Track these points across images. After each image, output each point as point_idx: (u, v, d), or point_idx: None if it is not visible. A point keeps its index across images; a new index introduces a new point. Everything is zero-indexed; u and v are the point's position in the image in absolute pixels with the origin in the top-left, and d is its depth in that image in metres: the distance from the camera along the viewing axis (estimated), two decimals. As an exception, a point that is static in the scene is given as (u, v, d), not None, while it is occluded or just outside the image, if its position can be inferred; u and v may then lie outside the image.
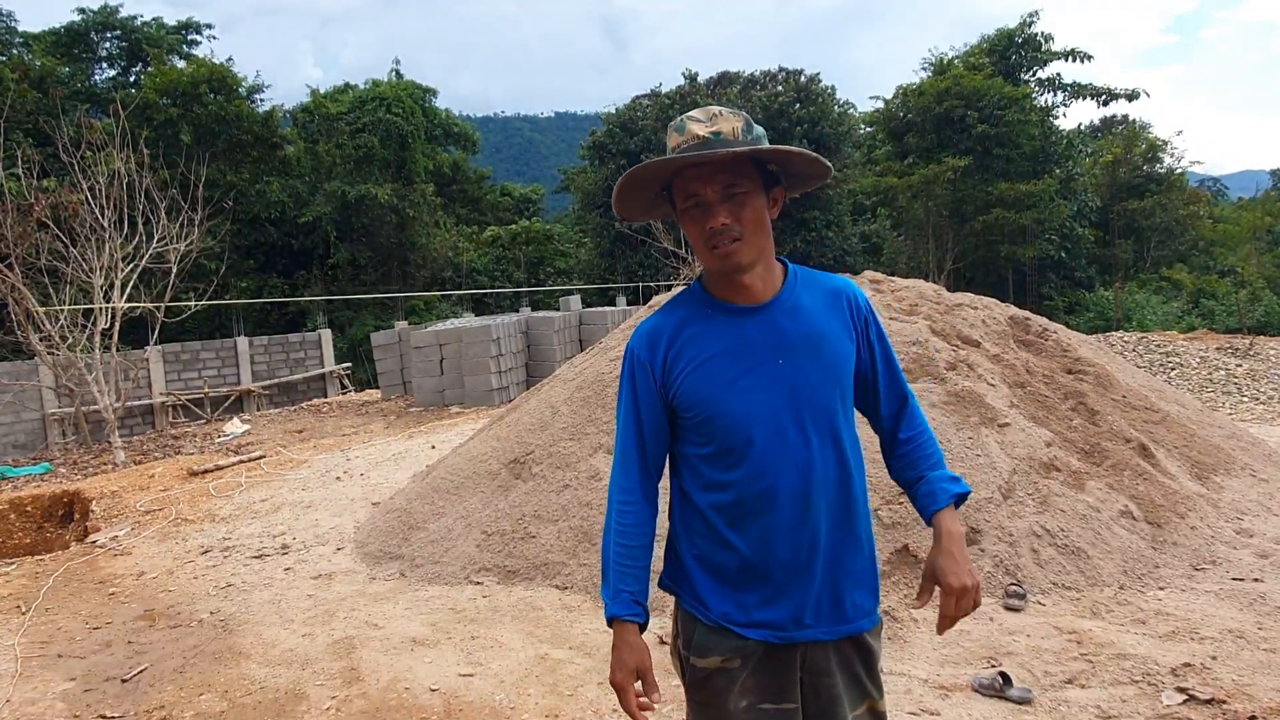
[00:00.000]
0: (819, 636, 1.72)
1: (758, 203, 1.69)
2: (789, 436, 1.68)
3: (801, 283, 1.79)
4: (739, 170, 1.66)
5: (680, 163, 1.65)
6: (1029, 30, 27.76)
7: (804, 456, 1.69)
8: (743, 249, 1.67)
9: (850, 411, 1.78)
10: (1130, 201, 28.80)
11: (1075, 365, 5.65)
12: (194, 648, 4.46)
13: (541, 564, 4.93)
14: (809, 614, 1.72)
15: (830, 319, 1.76)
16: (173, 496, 8.03)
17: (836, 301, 1.78)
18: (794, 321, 1.73)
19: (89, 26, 27.71)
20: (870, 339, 1.81)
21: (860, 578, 1.76)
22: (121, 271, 11.82)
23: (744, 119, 1.69)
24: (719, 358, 1.72)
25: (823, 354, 1.72)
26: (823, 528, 1.70)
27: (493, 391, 13.25)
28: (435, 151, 32.55)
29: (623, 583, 1.77)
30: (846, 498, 1.73)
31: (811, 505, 1.69)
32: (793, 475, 1.69)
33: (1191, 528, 4.39)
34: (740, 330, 1.73)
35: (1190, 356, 10.36)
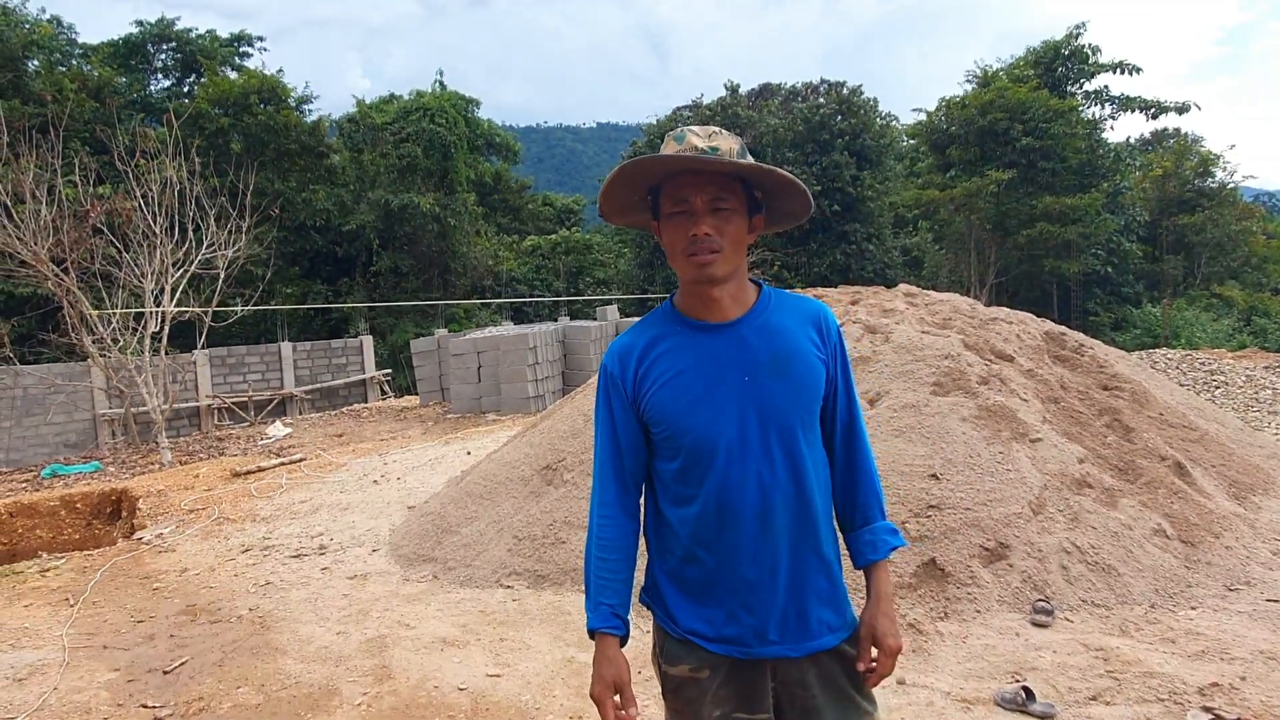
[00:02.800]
0: (785, 653, 1.75)
1: (740, 222, 1.74)
2: (752, 454, 1.71)
3: (774, 303, 1.82)
4: (729, 187, 1.72)
5: (682, 163, 1.68)
6: (1076, 42, 27.39)
7: (766, 475, 1.71)
8: (719, 262, 1.71)
9: (815, 432, 1.80)
10: (1180, 216, 28.26)
11: (1111, 381, 5.59)
12: (233, 642, 4.59)
13: (571, 569, 4.99)
14: (773, 630, 1.75)
15: (801, 339, 1.78)
16: (216, 496, 8.24)
17: (808, 323, 1.81)
18: (763, 339, 1.76)
19: (146, 38, 28.53)
20: (837, 364, 1.83)
21: (825, 595, 1.78)
22: (171, 276, 12.17)
23: (740, 143, 1.74)
24: (686, 374, 1.75)
25: (791, 373, 1.74)
26: (783, 546, 1.73)
27: (529, 399, 13.38)
28: (477, 161, 32.94)
29: (602, 595, 1.82)
30: (807, 517, 1.75)
31: (772, 523, 1.72)
32: (754, 493, 1.71)
33: (1226, 547, 4.33)
34: (708, 347, 1.76)
35: (1236, 375, 10.15)
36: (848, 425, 1.84)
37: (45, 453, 14.02)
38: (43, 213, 11.21)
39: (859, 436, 1.86)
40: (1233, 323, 23.04)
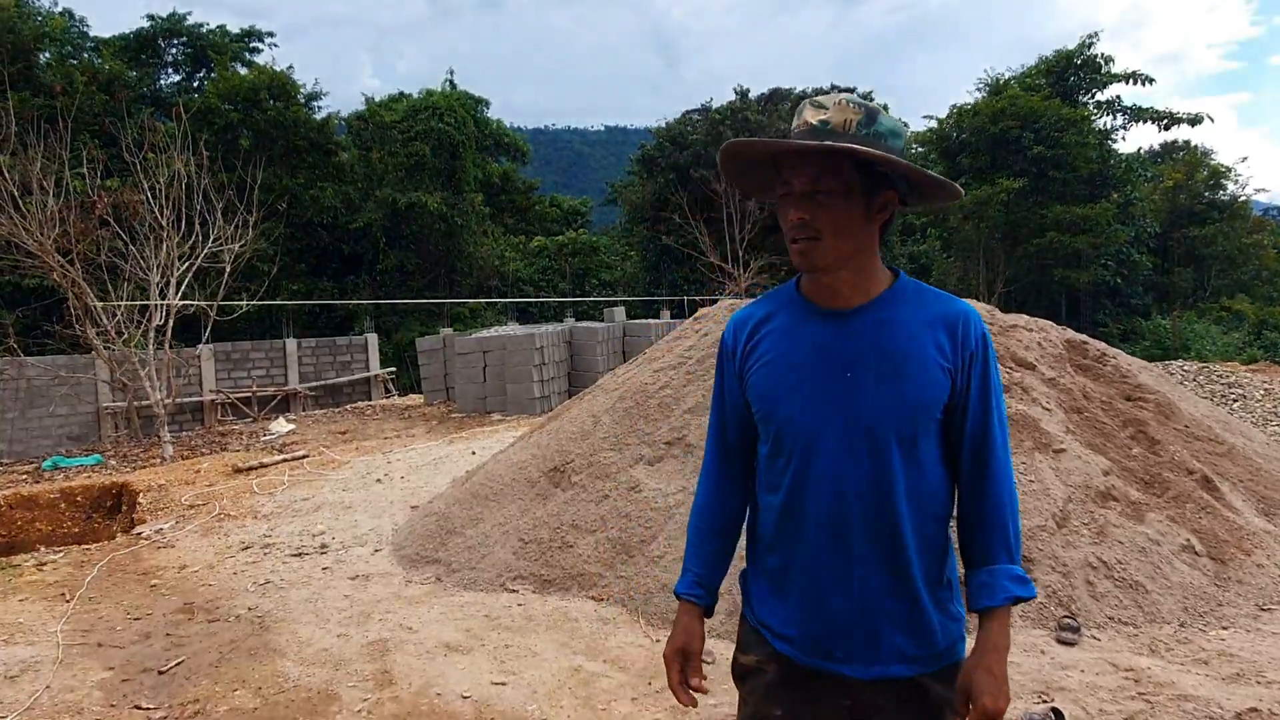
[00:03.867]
0: (849, 673, 1.62)
1: (845, 204, 1.56)
2: (837, 456, 1.58)
3: (905, 296, 1.64)
4: (830, 166, 1.55)
5: (769, 146, 1.57)
6: (1088, 52, 27.28)
7: (848, 482, 1.58)
8: (819, 250, 1.57)
9: (926, 445, 1.60)
10: (1191, 228, 28.13)
11: (1135, 392, 5.46)
12: (230, 643, 4.47)
13: (578, 574, 4.87)
14: (837, 647, 1.63)
15: (924, 341, 1.59)
16: (217, 492, 8.13)
17: (939, 324, 1.61)
18: (875, 334, 1.60)
19: (157, 32, 28.50)
20: (970, 377, 1.61)
21: (903, 621, 1.61)
22: (177, 270, 12.07)
23: (865, 112, 1.57)
24: (787, 357, 1.65)
25: (898, 376, 1.57)
26: (858, 561, 1.59)
27: (534, 400, 13.26)
28: (486, 161, 32.87)
29: (692, 562, 1.79)
30: (891, 536, 1.58)
31: (846, 535, 1.59)
32: (829, 498, 1.59)
33: (1258, 565, 4.19)
34: (816, 334, 1.63)
35: (1254, 389, 9.99)
36: (977, 450, 1.62)
37: (48, 445, 13.92)
38: (49, 204, 11.11)
39: (991, 465, 1.62)
40: (1243, 336, 22.85)
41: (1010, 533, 1.61)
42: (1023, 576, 1.60)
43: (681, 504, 4.98)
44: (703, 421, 5.56)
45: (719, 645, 4.04)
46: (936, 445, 1.62)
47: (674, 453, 5.45)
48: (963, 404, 1.61)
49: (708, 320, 6.72)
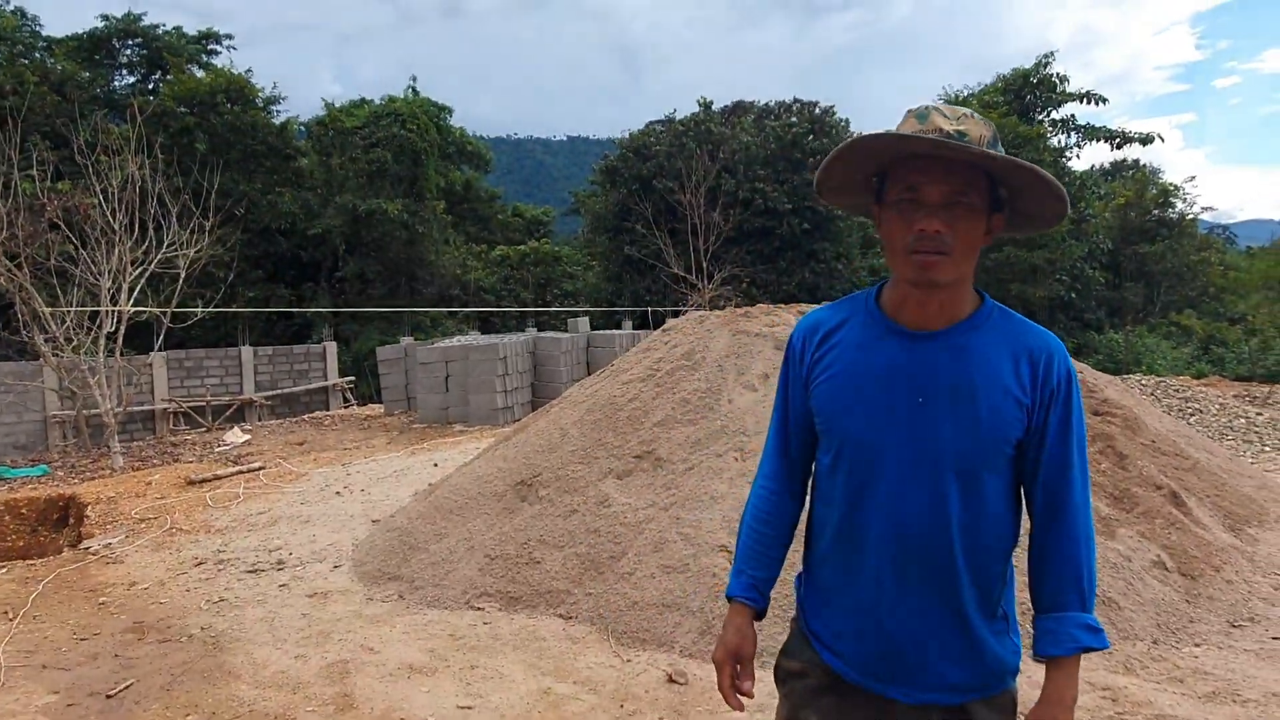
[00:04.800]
0: (896, 696, 1.60)
1: (978, 222, 1.51)
2: (897, 482, 1.55)
3: (988, 323, 1.57)
4: (972, 180, 1.49)
5: (924, 145, 1.46)
6: (1044, 71, 27.82)
7: (905, 510, 1.55)
8: (946, 265, 1.50)
9: (992, 479, 1.55)
10: (1141, 245, 28.73)
11: (1102, 407, 5.49)
12: (183, 664, 4.29)
13: (546, 591, 4.76)
14: (882, 669, 1.61)
15: (1001, 372, 1.53)
16: (169, 505, 7.87)
17: (1020, 356, 1.54)
18: (952, 361, 1.54)
19: (111, 33, 27.84)
20: (1048, 416, 1.53)
21: (957, 654, 1.57)
22: (130, 275, 11.73)
23: (994, 130, 1.52)
24: (858, 375, 1.60)
25: (969, 407, 1.52)
26: (911, 591, 1.57)
27: (497, 411, 13.09)
28: (448, 169, 32.59)
29: (745, 564, 1.78)
30: (945, 570, 1.54)
31: (900, 563, 1.56)
32: (884, 524, 1.57)
33: (1227, 581, 4.21)
34: (892, 354, 1.58)
35: (1209, 403, 10.17)
36: (1051, 492, 1.55)
37: (-9, 454, 13.46)
38: (-4, 206, 10.75)
39: (1065, 509, 1.55)
40: (1192, 350, 23.36)
41: (1084, 578, 1.55)
42: (1094, 626, 1.52)
43: (652, 519, 4.90)
44: (672, 435, 5.49)
45: (691, 665, 3.96)
46: (1005, 479, 1.57)
47: (643, 466, 5.36)
48: (1038, 441, 1.54)
49: (676, 332, 6.65)
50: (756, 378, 5.78)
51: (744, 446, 5.21)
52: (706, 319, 6.61)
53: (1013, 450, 1.55)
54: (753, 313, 6.67)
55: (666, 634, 4.22)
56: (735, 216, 24.53)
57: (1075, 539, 1.55)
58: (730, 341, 6.15)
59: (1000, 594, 1.60)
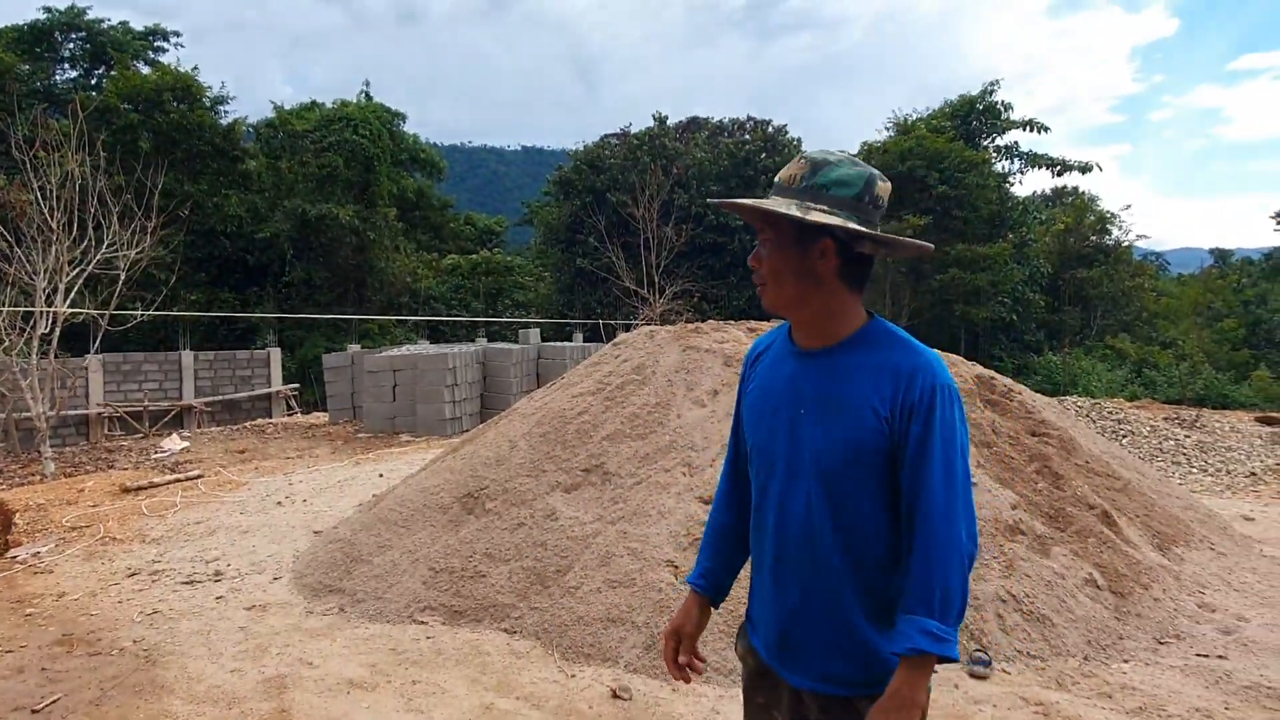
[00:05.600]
0: (788, 678, 1.77)
1: (780, 253, 1.70)
2: (782, 487, 1.73)
3: (865, 343, 1.70)
4: (765, 218, 1.71)
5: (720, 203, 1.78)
6: (990, 98, 28.58)
7: (787, 512, 1.72)
8: (766, 294, 1.74)
9: (864, 487, 1.65)
10: (1079, 270, 29.57)
11: (1040, 428, 5.65)
12: (113, 679, 4.17)
13: (490, 605, 4.72)
14: (778, 653, 1.78)
15: (864, 387, 1.65)
16: (102, 513, 7.64)
17: (884, 372, 1.64)
18: (824, 376, 1.70)
19: (53, 26, 27.13)
20: (908, 430, 1.61)
21: (838, 649, 1.69)
22: (67, 275, 11.39)
23: (809, 165, 1.68)
24: (765, 391, 1.81)
25: (831, 419, 1.66)
26: (792, 585, 1.73)
27: (445, 421, 12.97)
28: (400, 176, 32.31)
29: (700, 554, 2.01)
30: (820, 569, 1.69)
31: (784, 559, 1.74)
32: (773, 524, 1.75)
33: (1155, 599, 4.35)
34: (788, 370, 1.77)
35: (1141, 425, 10.51)
36: (910, 502, 1.62)
37: (-88, 458, 12.94)
38: (-76, 200, 10.37)
39: (923, 520, 1.60)
40: (1125, 373, 24.08)
41: (934, 588, 1.57)
42: (936, 633, 1.56)
43: (599, 533, 4.90)
44: (620, 449, 5.50)
45: (635, 680, 3.97)
46: (877, 486, 1.65)
47: (592, 480, 5.36)
48: (901, 454, 1.63)
49: (626, 346, 6.68)
50: (705, 393, 5.82)
51: (692, 461, 5.24)
52: (657, 334, 6.65)
53: (880, 459, 1.64)
54: (703, 329, 6.73)
55: (611, 649, 4.22)
56: (687, 231, 24.70)
57: (929, 549, 1.58)
58: (680, 357, 6.19)
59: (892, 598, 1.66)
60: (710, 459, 5.18)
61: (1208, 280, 38.20)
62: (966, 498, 1.62)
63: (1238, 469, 8.98)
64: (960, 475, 1.61)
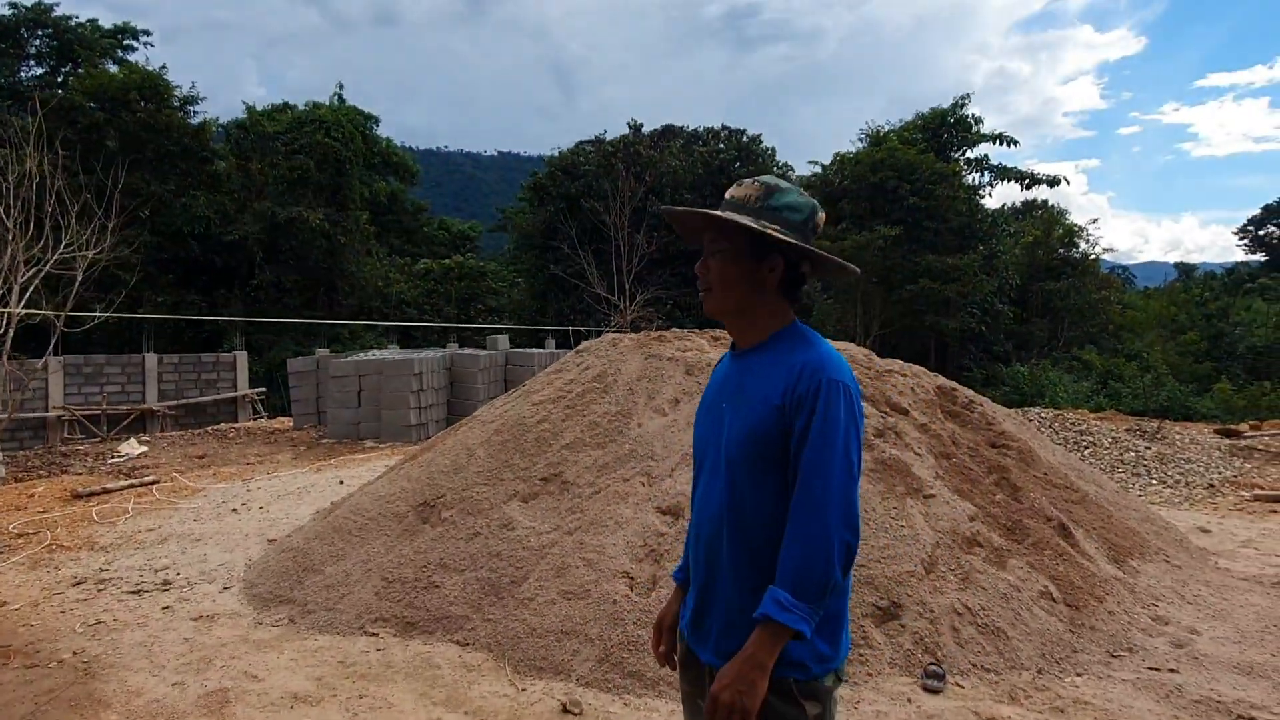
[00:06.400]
0: (698, 653, 1.91)
1: (731, 264, 1.85)
2: (707, 472, 1.91)
3: (779, 345, 1.86)
4: (723, 231, 1.86)
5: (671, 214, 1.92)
6: (960, 111, 28.88)
7: (707, 494, 1.89)
8: (709, 299, 1.89)
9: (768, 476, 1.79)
10: (1047, 282, 29.92)
11: (999, 439, 5.65)
12: (49, 692, 4.04)
13: (443, 616, 4.64)
14: (692, 630, 1.93)
15: (770, 380, 1.81)
16: (51, 520, 7.45)
17: (782, 367, 1.81)
18: (740, 374, 1.88)
19: (19, 21, 26.65)
20: (795, 420, 1.75)
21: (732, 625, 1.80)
22: (22, 275, 11.13)
23: (764, 188, 1.86)
24: (708, 391, 2.01)
25: (742, 410, 1.83)
26: (702, 560, 1.90)
27: (410, 428, 12.83)
28: (373, 179, 32.06)
29: (685, 550, 2.08)
30: (728, 545, 1.83)
31: (700, 539, 1.91)
32: (698, 505, 1.95)
33: (1109, 612, 4.35)
34: (723, 371, 1.98)
35: (1103, 436, 10.58)
36: (794, 486, 1.75)
37: None
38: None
39: (796, 505, 1.72)
40: (1091, 385, 24.32)
41: (793, 566, 1.68)
42: (786, 604, 1.65)
43: (555, 543, 4.83)
44: (579, 458, 5.44)
45: (587, 694, 3.90)
46: (775, 479, 1.78)
47: (550, 489, 5.29)
48: (792, 441, 1.76)
49: (589, 354, 6.62)
50: (667, 402, 5.77)
51: (651, 471, 5.18)
52: (620, 341, 6.59)
53: (774, 450, 1.77)
54: (666, 336, 6.68)
55: (564, 662, 4.15)
56: (660, 239, 24.69)
57: (797, 530, 1.70)
58: (642, 365, 6.14)
59: None
60: (670, 469, 5.13)
61: (1172, 294, 38.80)
62: (846, 487, 1.70)
63: (1196, 481, 9.07)
64: (839, 465, 1.70)
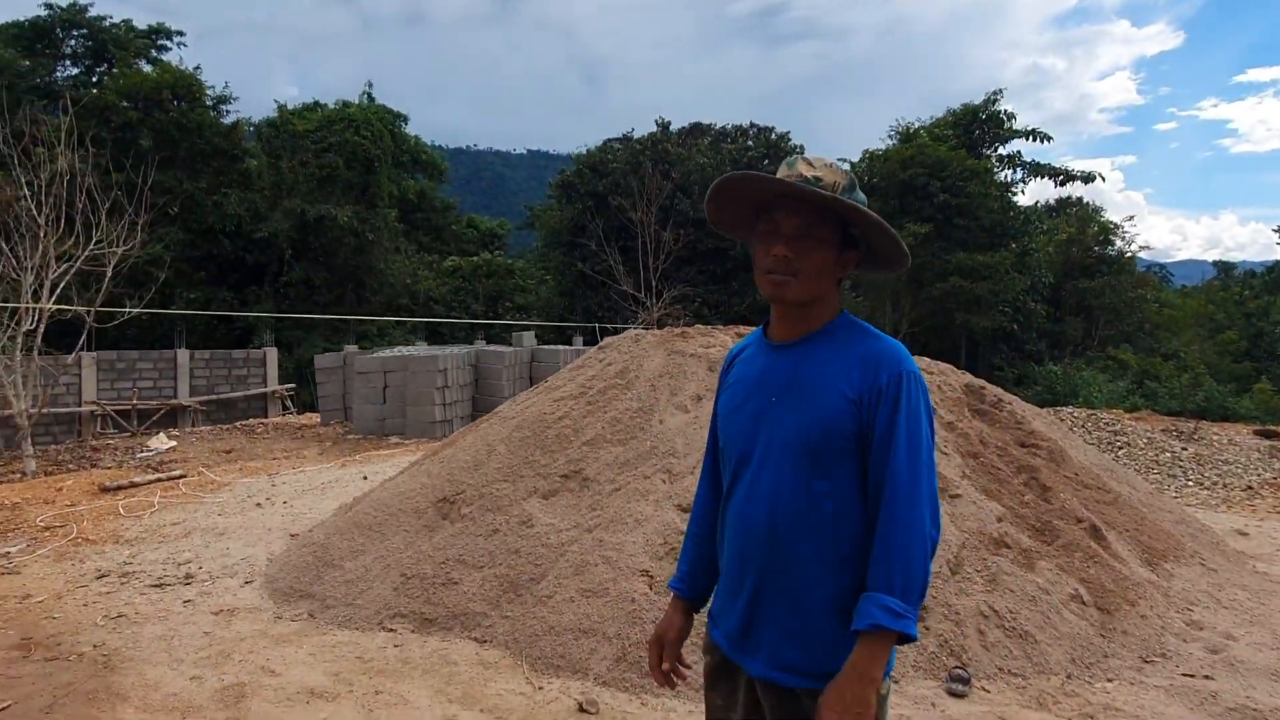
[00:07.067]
0: (746, 667, 1.78)
1: (826, 253, 1.74)
2: (752, 472, 1.76)
3: (835, 335, 1.77)
4: (821, 217, 1.72)
5: (777, 187, 1.71)
6: (993, 107, 28.47)
7: (753, 496, 1.75)
8: (794, 286, 1.73)
9: (837, 472, 1.69)
10: (1081, 280, 29.42)
11: (1029, 439, 5.52)
12: (68, 685, 4.05)
13: (461, 613, 4.60)
14: (739, 641, 1.79)
15: (835, 375, 1.71)
16: (78, 513, 7.53)
17: (854, 359, 1.72)
18: (795, 366, 1.76)
19: (55, 22, 27.11)
20: (876, 416, 1.66)
21: (795, 636, 1.71)
22: (54, 272, 11.29)
23: (850, 179, 1.74)
24: (738, 385, 1.87)
25: (801, 403, 1.72)
26: (751, 568, 1.76)
27: (435, 424, 12.86)
28: (401, 177, 32.24)
29: (680, 561, 2.04)
30: (779, 551, 1.72)
31: (746, 543, 1.76)
32: (738, 507, 1.79)
33: (1141, 616, 4.22)
34: (761, 364, 1.83)
35: (1138, 437, 10.35)
36: (877, 484, 1.66)
37: (-99, 454, 12.87)
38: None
39: (886, 503, 1.63)
40: (1127, 384, 23.88)
41: (895, 567, 1.60)
42: (897, 609, 1.57)
43: (574, 540, 4.78)
44: (600, 455, 5.38)
45: (604, 694, 3.84)
46: (846, 473, 1.69)
47: (570, 486, 5.24)
48: (870, 438, 1.67)
49: (611, 350, 6.56)
50: (689, 399, 5.70)
51: (672, 468, 5.12)
52: (642, 338, 6.53)
53: (850, 444, 1.68)
54: (689, 333, 6.61)
55: (582, 660, 4.10)
56: (685, 237, 24.58)
57: (891, 530, 1.62)
58: (665, 361, 6.07)
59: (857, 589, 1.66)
60: (691, 466, 5.06)
61: (1210, 292, 38.08)
62: (930, 482, 1.65)
63: (1234, 483, 8.84)
64: (924, 460, 1.65)
